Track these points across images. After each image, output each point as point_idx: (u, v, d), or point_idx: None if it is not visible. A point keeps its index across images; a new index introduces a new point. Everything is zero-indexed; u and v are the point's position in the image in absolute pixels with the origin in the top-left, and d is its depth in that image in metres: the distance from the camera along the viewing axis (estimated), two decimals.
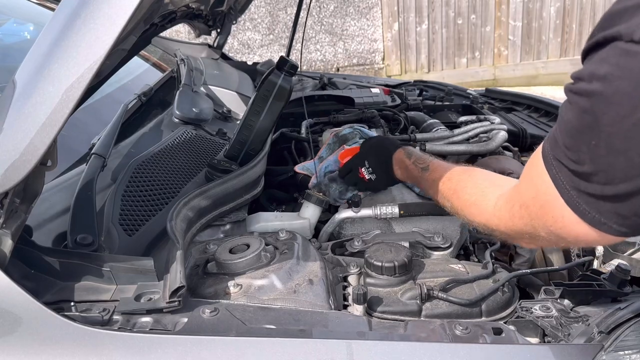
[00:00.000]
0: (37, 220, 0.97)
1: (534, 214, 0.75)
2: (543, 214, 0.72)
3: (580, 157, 0.62)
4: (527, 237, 0.80)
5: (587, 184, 0.63)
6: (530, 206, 0.75)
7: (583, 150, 0.61)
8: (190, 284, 0.92)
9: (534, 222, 0.75)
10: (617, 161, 0.59)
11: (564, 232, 0.70)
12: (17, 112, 0.75)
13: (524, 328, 0.88)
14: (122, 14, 0.73)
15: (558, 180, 0.67)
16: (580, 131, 0.61)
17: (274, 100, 1.30)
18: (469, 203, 0.95)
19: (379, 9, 5.96)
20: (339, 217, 1.25)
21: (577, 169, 0.63)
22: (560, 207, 0.68)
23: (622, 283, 0.95)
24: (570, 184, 0.65)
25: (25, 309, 0.77)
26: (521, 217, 0.78)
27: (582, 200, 0.65)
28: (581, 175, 0.63)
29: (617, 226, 0.64)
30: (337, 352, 0.76)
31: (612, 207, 0.62)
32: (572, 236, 0.70)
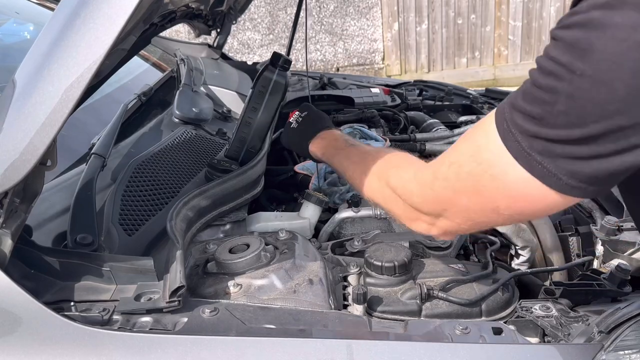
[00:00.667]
0: (37, 220, 0.97)
1: (464, 173, 0.69)
2: (480, 172, 0.67)
3: (554, 95, 0.58)
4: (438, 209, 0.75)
5: (548, 129, 0.59)
6: (463, 164, 0.70)
7: (562, 86, 0.57)
8: (190, 284, 0.92)
9: (460, 182, 0.70)
10: (599, 94, 0.55)
11: (500, 193, 0.66)
12: (17, 111, 0.75)
13: (524, 328, 0.88)
14: (121, 14, 0.73)
15: (508, 132, 0.63)
16: (566, 64, 0.57)
17: (271, 96, 1.30)
18: (391, 166, 0.90)
19: (379, 8, 5.96)
20: (339, 217, 1.25)
21: (542, 111, 0.59)
22: (505, 163, 0.63)
23: (622, 283, 0.95)
24: (523, 131, 0.61)
25: (25, 308, 0.77)
26: (446, 177, 0.72)
27: (534, 150, 0.61)
28: (545, 117, 0.59)
29: (566, 177, 0.60)
30: (337, 352, 0.76)
31: (573, 151, 0.59)
32: (509, 197, 0.65)
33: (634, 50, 0.53)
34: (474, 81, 5.83)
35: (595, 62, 0.55)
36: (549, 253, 1.31)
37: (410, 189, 0.81)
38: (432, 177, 0.76)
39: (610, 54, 0.54)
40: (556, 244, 1.30)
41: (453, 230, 0.78)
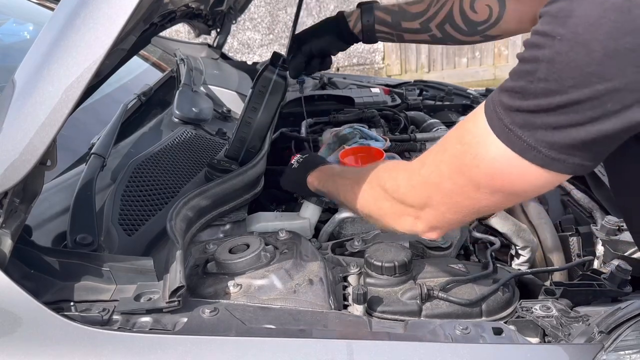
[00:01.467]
0: (37, 220, 0.97)
1: (449, 155, 0.70)
2: (462, 152, 0.68)
3: (536, 64, 0.59)
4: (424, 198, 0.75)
5: (529, 101, 0.60)
6: (447, 148, 0.71)
7: (543, 53, 0.58)
8: (190, 284, 0.92)
9: (444, 165, 0.71)
10: (577, 56, 0.55)
11: (481, 171, 0.66)
12: (17, 111, 0.75)
13: (524, 328, 0.88)
14: (121, 14, 0.72)
15: (493, 112, 0.64)
16: (547, 32, 0.58)
17: (271, 96, 1.30)
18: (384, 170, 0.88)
19: None
20: (339, 217, 1.24)
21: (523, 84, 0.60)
22: (486, 142, 0.64)
23: (622, 283, 0.95)
24: (506, 107, 0.62)
25: (25, 309, 0.77)
26: (432, 161, 0.73)
27: (515, 125, 0.61)
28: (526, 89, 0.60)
29: (546, 149, 0.60)
30: (337, 352, 0.76)
31: (551, 121, 0.59)
32: (489, 174, 0.66)
33: (610, 12, 0.54)
34: (474, 81, 5.83)
35: (573, 25, 0.56)
36: (549, 253, 1.31)
37: (399, 179, 0.81)
38: (419, 165, 0.77)
39: (588, 17, 0.55)
40: (556, 244, 1.30)
41: (439, 221, 0.78)
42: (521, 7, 1.17)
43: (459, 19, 1.20)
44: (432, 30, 1.23)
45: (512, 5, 1.17)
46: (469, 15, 1.19)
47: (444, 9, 1.20)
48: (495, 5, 1.17)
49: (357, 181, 0.94)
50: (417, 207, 0.78)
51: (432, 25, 1.22)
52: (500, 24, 1.17)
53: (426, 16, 1.22)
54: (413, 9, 1.25)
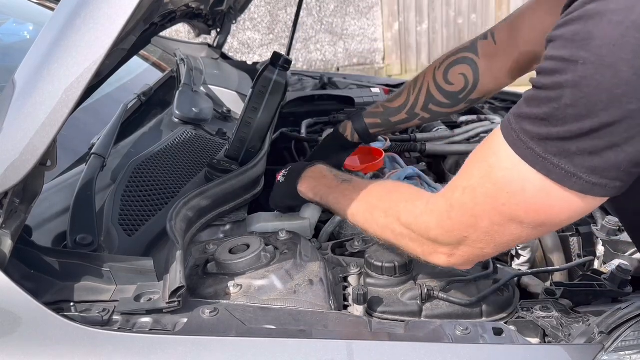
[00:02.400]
0: (37, 220, 0.97)
1: (481, 195, 0.67)
2: (496, 191, 0.65)
3: (559, 91, 0.57)
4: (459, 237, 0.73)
5: (559, 128, 0.58)
6: (477, 187, 0.68)
7: (566, 79, 0.57)
8: (190, 284, 0.92)
9: (479, 207, 0.68)
10: (604, 78, 0.55)
11: (522, 208, 0.64)
12: (17, 112, 0.74)
13: (525, 328, 0.88)
14: (122, 14, 0.72)
15: (519, 142, 0.62)
16: (567, 57, 0.57)
17: (271, 96, 1.30)
18: (398, 201, 0.85)
19: (379, 8, 5.96)
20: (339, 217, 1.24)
21: (548, 111, 0.59)
22: (521, 176, 0.62)
23: (622, 283, 0.95)
24: (535, 136, 0.60)
25: (25, 309, 0.77)
26: (462, 204, 0.70)
27: (550, 153, 0.60)
28: (554, 115, 0.58)
29: (587, 175, 0.59)
30: (337, 352, 0.76)
31: (587, 145, 0.57)
32: (532, 211, 0.64)
33: (632, 30, 0.53)
34: None
35: (596, 48, 0.55)
36: (549, 253, 1.31)
37: (426, 222, 0.78)
38: (447, 206, 0.74)
39: (610, 38, 0.54)
40: (557, 244, 1.30)
41: (474, 256, 0.76)
42: (493, 65, 1.18)
43: (438, 95, 1.22)
44: (420, 114, 1.26)
45: (484, 66, 1.18)
46: (446, 88, 1.21)
47: (422, 92, 1.24)
48: (469, 71, 1.18)
49: (369, 209, 0.92)
50: (451, 246, 0.76)
51: (417, 110, 1.26)
52: (478, 87, 1.19)
53: (409, 105, 1.26)
54: (395, 104, 1.30)
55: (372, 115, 1.33)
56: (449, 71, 1.20)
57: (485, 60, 1.18)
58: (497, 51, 1.17)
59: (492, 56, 1.17)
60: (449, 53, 1.23)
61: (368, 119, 1.33)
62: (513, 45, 1.15)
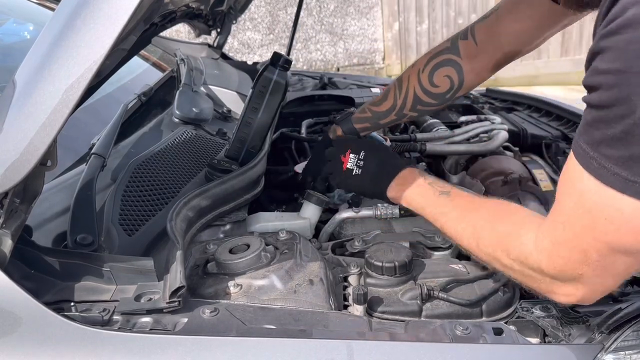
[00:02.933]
0: (37, 220, 0.97)
1: (579, 228, 0.65)
2: (592, 220, 0.63)
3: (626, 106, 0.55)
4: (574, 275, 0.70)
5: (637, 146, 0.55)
6: (575, 221, 0.66)
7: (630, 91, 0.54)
8: (190, 284, 0.92)
9: (582, 240, 0.66)
10: None
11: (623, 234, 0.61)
12: (17, 112, 0.75)
13: (525, 328, 0.88)
14: (122, 14, 0.73)
15: (601, 169, 0.60)
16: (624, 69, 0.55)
17: (271, 96, 1.30)
18: (503, 235, 0.82)
19: (379, 8, 5.96)
20: (339, 217, 1.25)
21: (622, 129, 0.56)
22: (613, 200, 0.60)
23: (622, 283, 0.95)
24: (617, 160, 0.58)
25: (25, 309, 0.77)
26: (566, 240, 0.68)
27: (637, 174, 0.57)
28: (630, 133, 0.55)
29: None
30: (337, 352, 0.76)
31: None
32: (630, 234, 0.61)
33: None
34: None
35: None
36: None
37: (537, 261, 0.75)
38: (552, 245, 0.72)
39: None
40: None
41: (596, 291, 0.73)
42: (477, 65, 1.20)
43: (425, 97, 1.24)
44: (408, 114, 1.28)
45: (468, 66, 1.19)
46: (432, 90, 1.23)
47: (409, 95, 1.25)
48: (453, 73, 1.20)
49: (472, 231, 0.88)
50: (568, 282, 0.73)
51: (405, 111, 1.28)
52: (463, 86, 1.21)
53: (397, 108, 1.28)
54: (382, 108, 1.30)
55: (360, 121, 1.34)
56: (434, 74, 1.21)
57: (468, 61, 1.19)
58: (479, 52, 1.18)
59: (474, 56, 1.19)
60: (431, 54, 1.24)
61: (357, 124, 1.34)
62: (494, 46, 1.17)
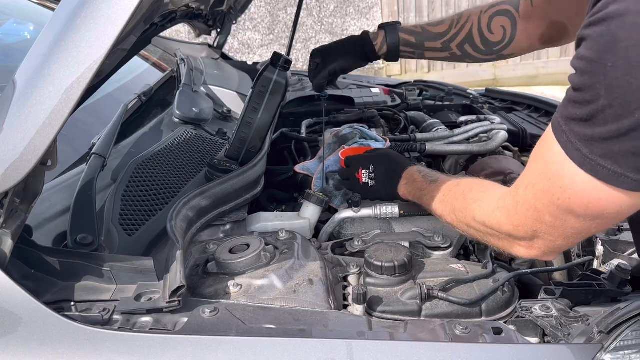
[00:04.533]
0: (37, 220, 0.98)
1: (539, 191, 0.72)
2: (550, 186, 0.69)
3: (594, 92, 0.60)
4: (529, 232, 0.77)
5: (601, 128, 0.60)
6: (536, 183, 0.73)
7: (598, 80, 0.59)
8: (190, 284, 0.92)
9: (539, 202, 0.72)
10: (634, 79, 0.57)
11: (573, 202, 0.67)
12: (17, 112, 0.75)
13: (524, 328, 0.88)
14: (122, 14, 0.73)
15: (568, 143, 0.65)
16: (596, 59, 0.59)
17: (271, 96, 1.30)
18: (472, 201, 0.92)
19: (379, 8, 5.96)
20: (339, 217, 1.25)
21: (589, 111, 0.61)
22: (570, 173, 0.66)
23: (622, 283, 0.95)
24: (581, 138, 0.63)
25: (26, 308, 0.77)
26: (525, 199, 0.75)
27: (595, 154, 0.62)
28: (594, 116, 0.61)
29: (633, 174, 0.61)
30: (337, 352, 0.76)
31: (629, 146, 0.59)
32: (583, 204, 0.67)
33: None
34: (474, 81, 5.83)
35: (623, 50, 0.57)
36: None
37: (498, 219, 0.83)
38: (514, 203, 0.78)
39: (635, 39, 0.56)
40: None
41: (550, 248, 0.79)
42: (530, 26, 1.24)
43: (478, 39, 1.28)
44: (452, 50, 1.31)
45: (522, 25, 1.24)
46: (487, 36, 1.27)
47: (464, 30, 1.29)
48: (508, 25, 1.24)
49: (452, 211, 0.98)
50: (526, 239, 0.80)
51: (452, 45, 1.31)
52: (513, 43, 1.25)
53: (448, 37, 1.31)
54: (435, 29, 1.33)
55: (408, 32, 1.35)
56: (492, 19, 1.25)
57: (523, 19, 1.24)
58: (533, 14, 1.22)
59: (529, 17, 1.23)
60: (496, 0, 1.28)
61: (403, 34, 1.35)
62: (547, 11, 1.20)
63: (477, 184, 0.97)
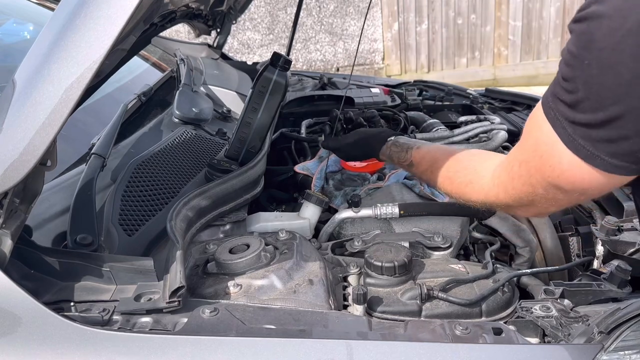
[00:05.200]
0: (37, 220, 0.97)
1: (532, 168, 0.76)
2: (542, 164, 0.73)
3: (575, 84, 0.64)
4: (526, 201, 0.81)
5: (581, 115, 0.64)
6: (529, 160, 0.76)
7: (577, 74, 0.63)
8: (190, 284, 0.92)
9: (532, 178, 0.76)
10: (607, 78, 0.60)
11: (561, 180, 0.71)
12: (17, 112, 0.75)
13: (524, 328, 0.88)
14: (121, 14, 0.73)
15: (556, 120, 0.68)
16: (577, 55, 0.63)
17: (271, 96, 1.30)
18: (464, 184, 0.96)
19: (379, 8, 5.96)
20: (339, 217, 1.25)
21: (572, 99, 0.65)
22: (558, 152, 0.69)
23: (622, 283, 0.95)
24: (566, 118, 0.67)
25: (25, 309, 0.77)
26: (520, 175, 0.79)
27: (577, 135, 0.66)
28: (576, 105, 0.65)
29: (608, 158, 0.65)
30: (337, 352, 0.76)
31: (604, 134, 0.63)
32: (569, 182, 0.71)
33: (629, 37, 0.58)
34: (474, 81, 5.83)
35: (597, 50, 0.60)
36: (549, 253, 1.31)
37: (496, 194, 0.87)
38: (509, 178, 0.83)
39: (608, 42, 0.59)
40: (556, 244, 1.30)
41: (545, 211, 0.85)
42: None
43: None
44: None
45: None
46: None
47: None
48: None
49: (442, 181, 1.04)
50: (524, 206, 0.84)
51: None
52: None
53: None
54: None
55: None
56: None
57: None
58: None
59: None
60: None
61: None
62: None
63: (455, 164, 1.01)
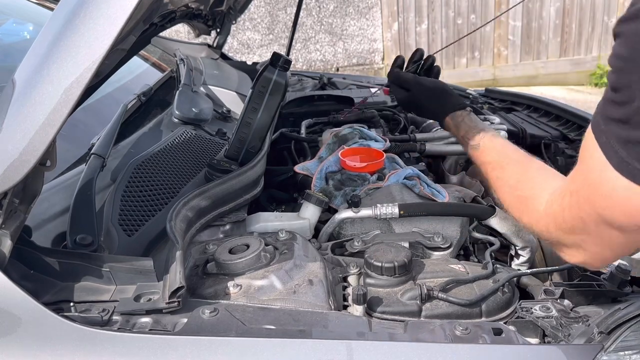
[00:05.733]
0: (37, 221, 0.97)
1: (583, 199, 0.68)
2: (592, 194, 0.65)
3: (630, 91, 0.57)
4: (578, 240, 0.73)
5: (637, 132, 0.57)
6: (580, 190, 0.68)
7: (633, 79, 0.56)
8: (189, 284, 0.92)
9: (583, 211, 0.68)
10: None
11: (615, 212, 0.63)
12: (17, 112, 0.74)
13: (524, 328, 0.88)
14: (121, 14, 0.72)
15: (607, 144, 0.61)
16: (629, 57, 0.57)
17: (271, 96, 1.30)
18: (520, 199, 0.88)
19: (379, 8, 5.96)
20: (339, 217, 1.24)
21: (625, 113, 0.58)
22: (611, 180, 0.61)
23: (622, 283, 0.95)
24: (619, 139, 0.59)
25: (25, 309, 0.77)
26: (571, 207, 0.71)
27: (632, 157, 0.58)
28: (631, 119, 0.58)
29: None
30: (337, 352, 0.76)
31: None
32: (625, 213, 0.62)
33: None
34: (474, 81, 5.84)
35: None
36: (549, 253, 1.31)
37: (546, 225, 0.79)
38: (560, 209, 0.75)
39: None
40: None
41: (596, 259, 0.76)
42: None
43: None
44: None
45: None
46: None
47: None
48: None
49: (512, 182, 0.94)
50: (574, 247, 0.76)
51: None
52: None
53: None
54: None
55: None
56: None
57: None
58: None
59: None
60: None
61: None
62: None
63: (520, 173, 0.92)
